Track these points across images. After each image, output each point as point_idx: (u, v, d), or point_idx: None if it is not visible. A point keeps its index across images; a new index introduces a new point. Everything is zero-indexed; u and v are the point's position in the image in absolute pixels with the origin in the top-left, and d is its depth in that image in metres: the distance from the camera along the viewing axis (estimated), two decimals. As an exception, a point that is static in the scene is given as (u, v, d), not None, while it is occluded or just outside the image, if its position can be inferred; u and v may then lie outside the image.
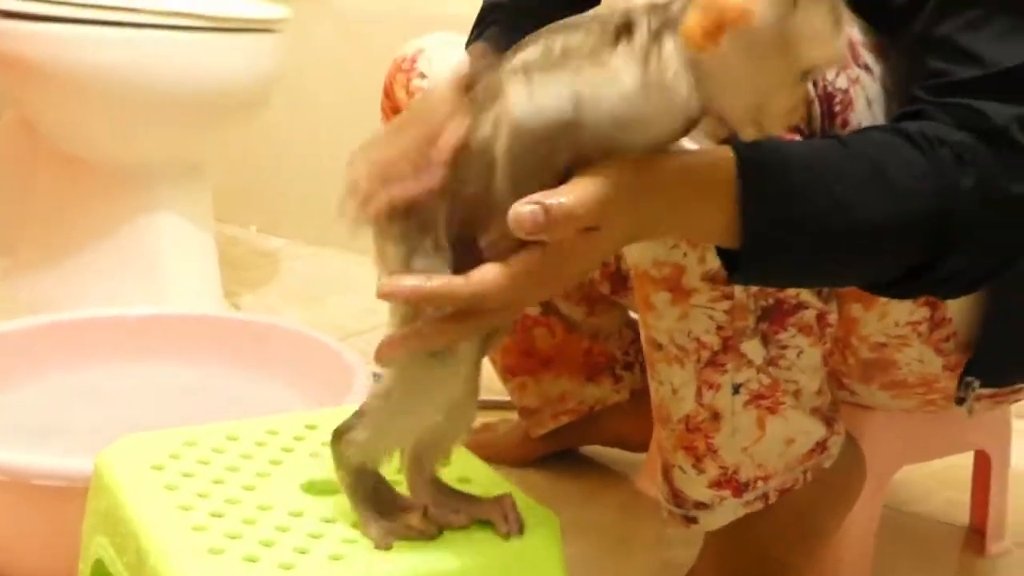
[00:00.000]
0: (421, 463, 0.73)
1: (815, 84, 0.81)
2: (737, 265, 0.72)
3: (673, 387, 0.92)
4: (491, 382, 1.40)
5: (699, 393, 0.91)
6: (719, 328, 0.88)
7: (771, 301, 0.88)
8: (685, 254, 0.86)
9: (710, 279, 0.86)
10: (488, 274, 0.65)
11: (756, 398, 0.90)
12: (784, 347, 0.89)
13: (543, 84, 0.64)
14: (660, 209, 0.68)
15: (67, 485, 0.95)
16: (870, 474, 1.02)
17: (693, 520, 0.95)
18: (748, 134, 0.66)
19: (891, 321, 0.92)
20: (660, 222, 0.70)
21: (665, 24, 0.63)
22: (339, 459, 0.70)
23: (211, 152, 1.90)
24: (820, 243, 0.73)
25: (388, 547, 0.68)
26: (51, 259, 1.85)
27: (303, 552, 0.67)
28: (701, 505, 0.94)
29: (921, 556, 1.22)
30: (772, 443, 0.92)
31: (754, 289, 0.87)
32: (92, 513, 0.78)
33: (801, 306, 0.88)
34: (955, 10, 0.79)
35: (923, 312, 0.92)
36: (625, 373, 1.32)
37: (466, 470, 0.79)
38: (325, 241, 2.37)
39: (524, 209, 0.63)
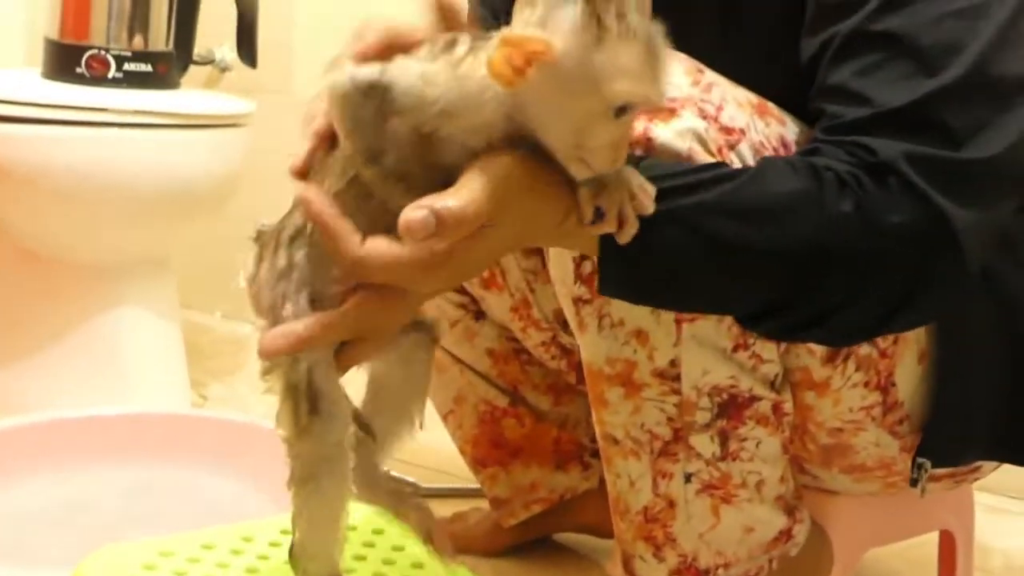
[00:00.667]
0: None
1: None
2: (603, 276, 0.76)
3: (631, 479, 0.94)
4: (462, 471, 1.41)
5: (655, 483, 0.93)
6: (669, 420, 0.90)
7: (725, 397, 0.90)
8: (635, 351, 0.89)
9: (659, 375, 0.89)
10: (381, 244, 0.68)
11: (708, 487, 0.92)
12: (744, 439, 0.92)
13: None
14: (542, 210, 0.71)
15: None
16: (837, 560, 1.03)
17: None
18: (575, 171, 0.67)
19: (845, 407, 0.95)
20: (541, 225, 0.73)
21: (473, 48, 0.67)
22: None
23: (176, 245, 1.91)
24: (684, 259, 0.76)
25: None
26: (14, 358, 1.82)
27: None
28: None
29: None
30: (729, 531, 0.93)
31: (705, 387, 0.89)
32: (68, 629, 0.78)
33: (755, 398, 0.91)
34: (848, 59, 0.82)
35: (875, 397, 0.94)
36: (594, 461, 1.33)
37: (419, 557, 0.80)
38: (291, 327, 2.37)
39: (415, 215, 0.65)
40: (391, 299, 0.72)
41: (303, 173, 0.75)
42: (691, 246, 0.76)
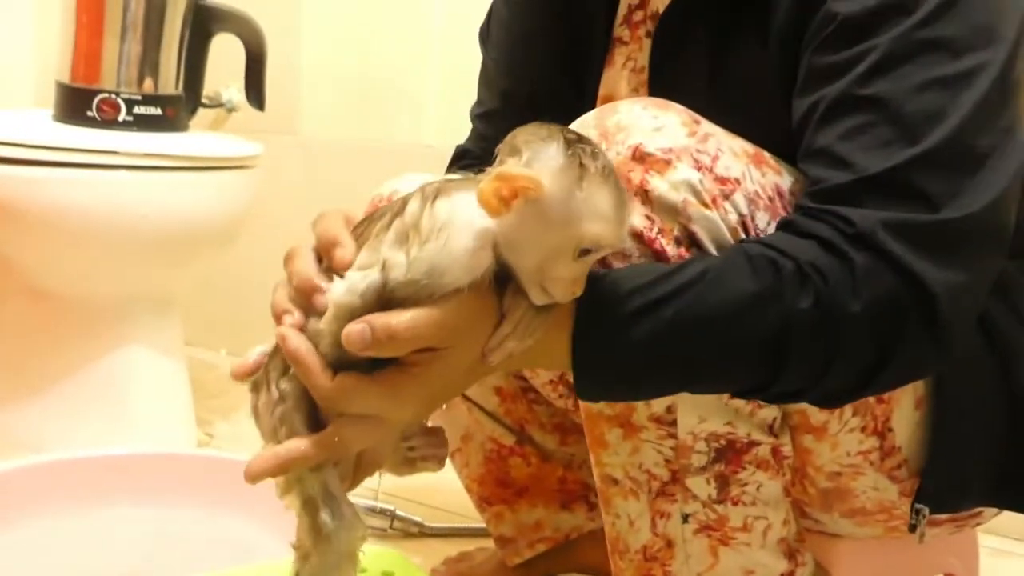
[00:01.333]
0: None
1: (747, 232, 0.85)
2: (578, 383, 0.81)
3: (630, 519, 0.95)
4: (468, 509, 1.42)
5: (653, 523, 0.94)
6: (667, 461, 0.92)
7: (723, 443, 0.91)
8: None
9: (656, 420, 0.91)
10: (348, 378, 0.75)
11: (705, 528, 0.93)
12: (744, 484, 0.93)
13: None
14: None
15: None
16: (841, 603, 1.04)
17: None
18: (535, 296, 0.75)
19: (843, 451, 0.96)
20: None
21: (439, 191, 0.74)
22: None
23: (183, 284, 1.92)
24: (651, 365, 0.80)
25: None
26: (19, 397, 1.82)
27: None
28: None
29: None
30: (727, 572, 0.94)
31: (701, 433, 0.91)
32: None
33: (753, 443, 0.92)
34: (833, 121, 0.84)
35: (872, 442, 0.95)
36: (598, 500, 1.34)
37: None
38: (295, 364, 2.38)
39: (354, 327, 0.72)
40: (370, 424, 0.77)
41: (243, 375, 0.82)
42: (660, 350, 0.79)
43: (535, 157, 0.71)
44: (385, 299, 0.73)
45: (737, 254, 0.81)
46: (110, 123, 1.73)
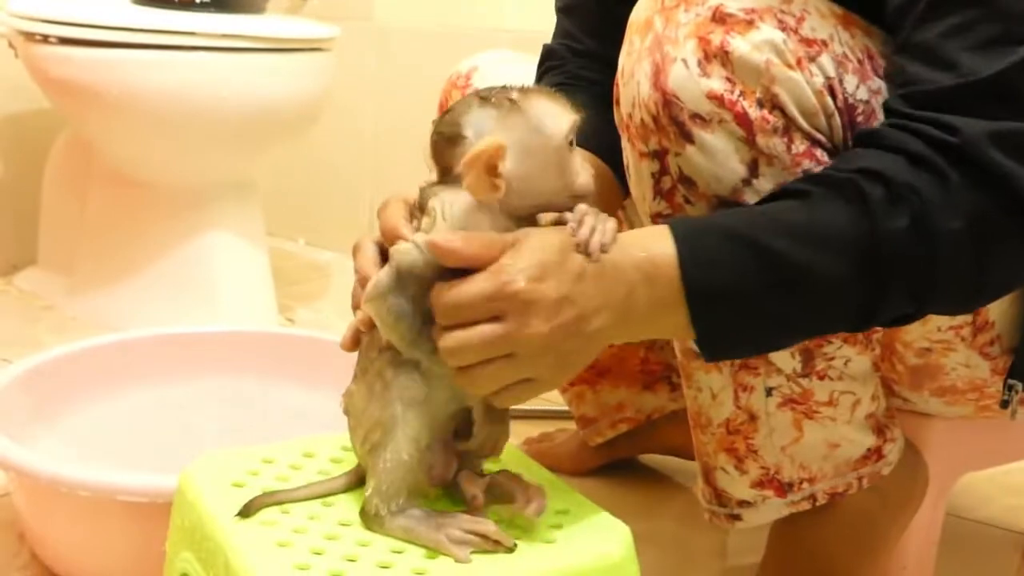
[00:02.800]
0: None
1: (834, 96, 0.82)
2: (700, 347, 0.78)
3: (712, 392, 0.93)
4: (548, 392, 1.42)
5: (736, 396, 0.92)
6: None
7: None
8: None
9: None
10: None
11: (789, 402, 0.91)
12: (831, 358, 0.90)
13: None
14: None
15: (150, 501, 0.98)
16: (933, 481, 1.02)
17: (737, 518, 0.97)
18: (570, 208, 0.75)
19: (933, 326, 0.93)
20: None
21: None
22: (379, 528, 0.73)
23: (262, 169, 1.93)
24: (765, 323, 0.78)
25: (468, 560, 0.70)
26: (107, 279, 1.88)
27: (386, 567, 0.69)
28: (744, 503, 0.96)
29: (980, 562, 1.22)
30: (812, 446, 0.93)
31: None
32: (176, 529, 0.80)
33: None
34: (938, 16, 0.79)
35: (964, 317, 0.92)
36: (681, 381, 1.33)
37: (516, 464, 0.81)
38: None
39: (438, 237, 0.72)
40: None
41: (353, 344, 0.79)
42: (765, 287, 0.76)
43: (475, 129, 0.72)
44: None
45: (823, 184, 0.77)
46: (188, 4, 1.73)
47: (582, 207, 0.74)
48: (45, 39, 1.69)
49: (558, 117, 0.73)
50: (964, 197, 0.75)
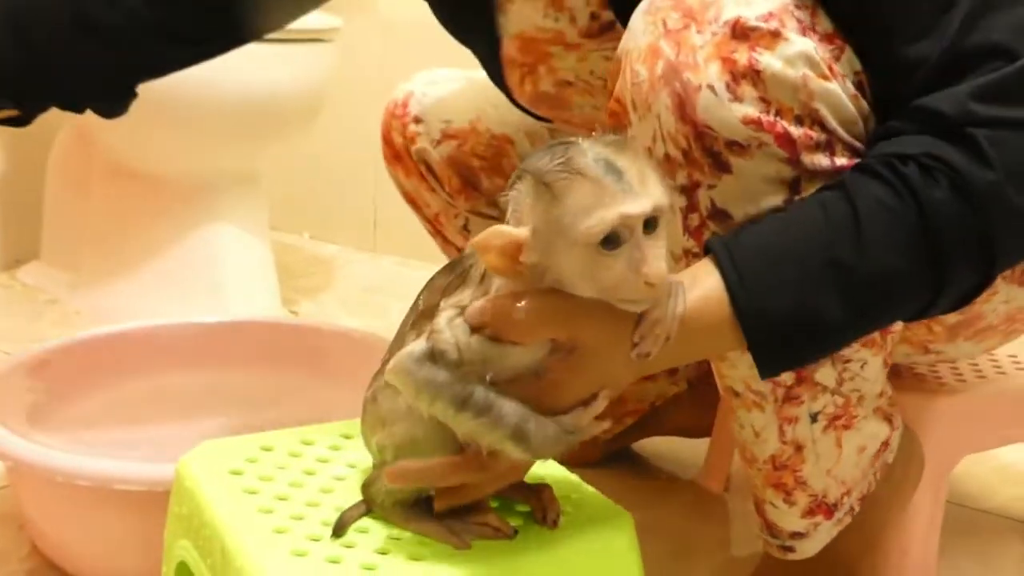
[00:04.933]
0: None
1: (863, 94, 0.79)
2: (756, 360, 0.74)
3: (755, 430, 0.91)
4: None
5: (781, 431, 0.90)
6: None
7: None
8: None
9: None
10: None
11: (833, 420, 0.89)
12: (848, 361, 0.88)
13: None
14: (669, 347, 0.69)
15: (149, 490, 0.97)
16: (931, 464, 1.02)
17: (790, 549, 0.96)
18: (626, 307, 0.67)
19: None
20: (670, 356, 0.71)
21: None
22: (380, 510, 0.72)
23: (266, 161, 1.93)
24: (828, 336, 0.74)
25: (468, 547, 0.69)
26: (110, 273, 1.88)
27: (384, 553, 0.68)
28: (796, 535, 0.94)
29: (984, 551, 1.22)
30: (849, 458, 0.91)
31: None
32: (174, 517, 0.80)
33: None
34: None
35: None
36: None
37: (538, 471, 0.80)
38: (376, 246, 2.39)
39: (475, 305, 0.66)
40: None
41: None
42: (827, 310, 0.73)
43: (514, 207, 0.64)
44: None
45: (855, 175, 0.75)
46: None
47: (651, 319, 0.67)
48: (47, 32, 1.68)
49: (594, 215, 0.61)
50: (991, 150, 0.72)
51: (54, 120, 2.03)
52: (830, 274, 0.72)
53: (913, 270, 0.74)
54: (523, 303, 0.65)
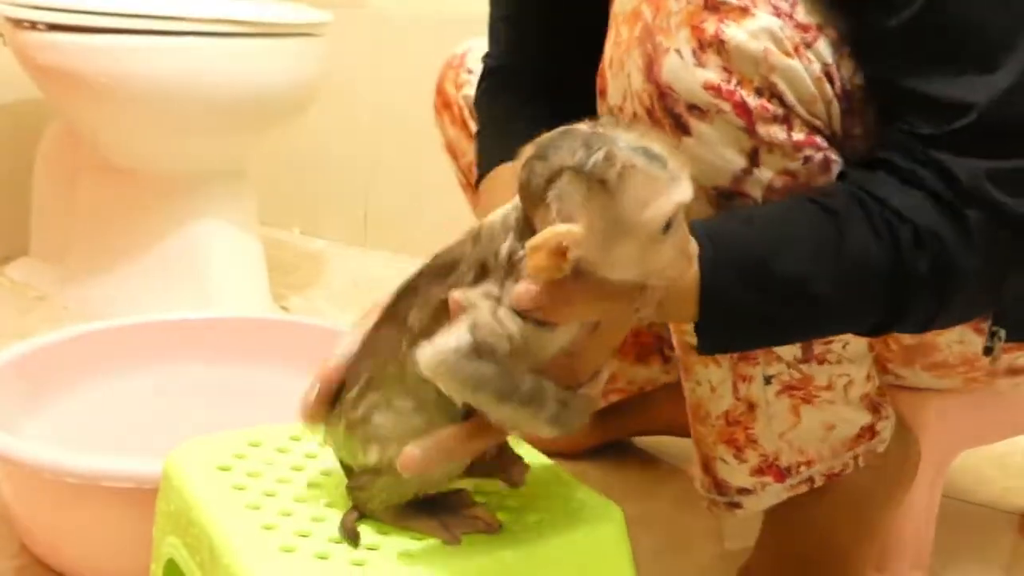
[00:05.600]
0: None
1: (832, 83, 0.81)
2: (699, 339, 0.78)
3: (712, 385, 0.93)
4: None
5: (735, 388, 0.92)
6: None
7: None
8: None
9: None
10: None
11: (788, 388, 0.91)
12: (830, 342, 0.90)
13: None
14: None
15: (136, 487, 0.97)
16: (929, 460, 1.03)
17: (737, 505, 0.97)
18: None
19: None
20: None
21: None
22: (366, 509, 0.71)
23: (255, 157, 1.92)
24: (772, 325, 0.78)
25: (458, 541, 0.69)
26: (99, 268, 1.87)
27: (374, 549, 0.68)
28: (744, 491, 0.96)
29: (979, 542, 1.22)
30: (809, 430, 0.93)
31: None
32: (162, 514, 0.79)
33: None
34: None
35: None
36: (673, 354, 1.32)
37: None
38: (366, 242, 2.39)
39: (520, 286, 0.65)
40: None
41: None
42: (786, 313, 0.77)
43: (560, 201, 0.63)
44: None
45: (856, 209, 0.77)
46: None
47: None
48: (33, 25, 1.67)
49: (653, 206, 0.63)
50: (981, 238, 0.77)
51: (42, 115, 2.03)
52: (795, 295, 0.76)
53: (869, 311, 0.79)
54: (571, 285, 0.65)
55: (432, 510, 0.71)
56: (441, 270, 0.69)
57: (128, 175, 1.82)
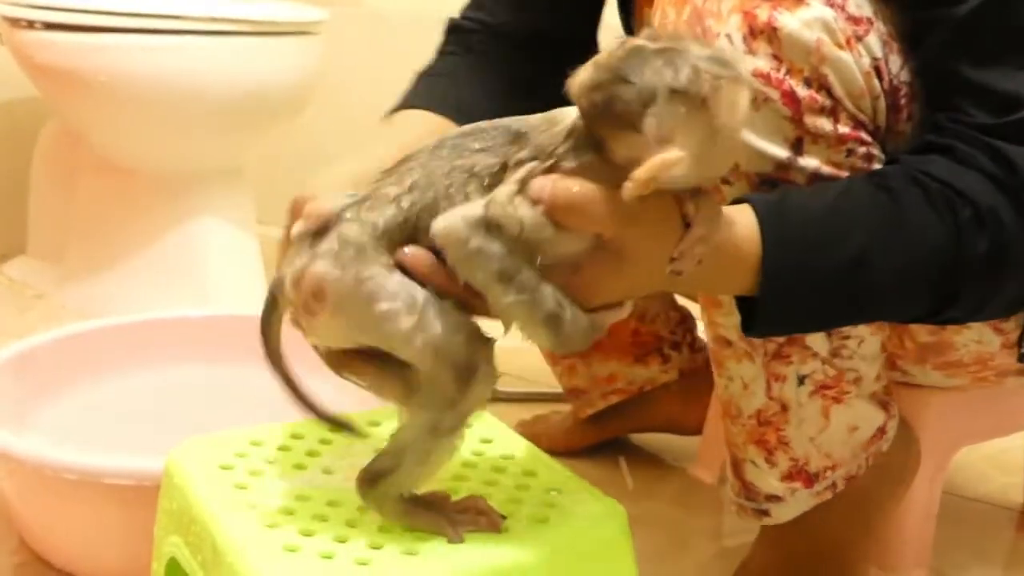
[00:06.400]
0: None
1: (880, 78, 0.81)
2: (753, 319, 0.76)
3: (744, 382, 0.92)
4: (543, 375, 1.41)
5: (768, 386, 0.91)
6: None
7: None
8: None
9: None
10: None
11: (821, 388, 0.90)
12: (846, 337, 0.90)
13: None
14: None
15: (135, 484, 0.97)
16: (929, 456, 1.02)
17: (765, 513, 0.96)
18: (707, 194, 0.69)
19: None
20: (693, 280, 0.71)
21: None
22: (374, 505, 0.70)
23: (253, 155, 1.92)
24: (831, 303, 0.77)
25: (462, 540, 0.68)
26: (97, 267, 1.87)
27: (377, 548, 0.68)
28: (773, 498, 0.95)
29: (978, 538, 1.22)
30: (837, 432, 0.92)
31: None
32: (164, 513, 0.79)
33: None
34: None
35: None
36: (673, 353, 1.32)
37: (530, 463, 0.80)
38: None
39: (537, 180, 0.65)
40: None
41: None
42: (840, 291, 0.76)
43: (659, 123, 0.62)
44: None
45: (914, 188, 0.77)
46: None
47: (695, 235, 0.68)
48: (30, 24, 1.67)
49: (742, 109, 0.63)
50: None
51: (39, 114, 2.03)
52: (854, 273, 0.75)
53: (924, 294, 0.78)
54: (586, 188, 0.64)
55: (436, 508, 0.70)
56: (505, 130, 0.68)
57: (125, 174, 1.82)
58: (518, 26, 1.07)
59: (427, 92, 1.00)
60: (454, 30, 1.11)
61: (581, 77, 0.64)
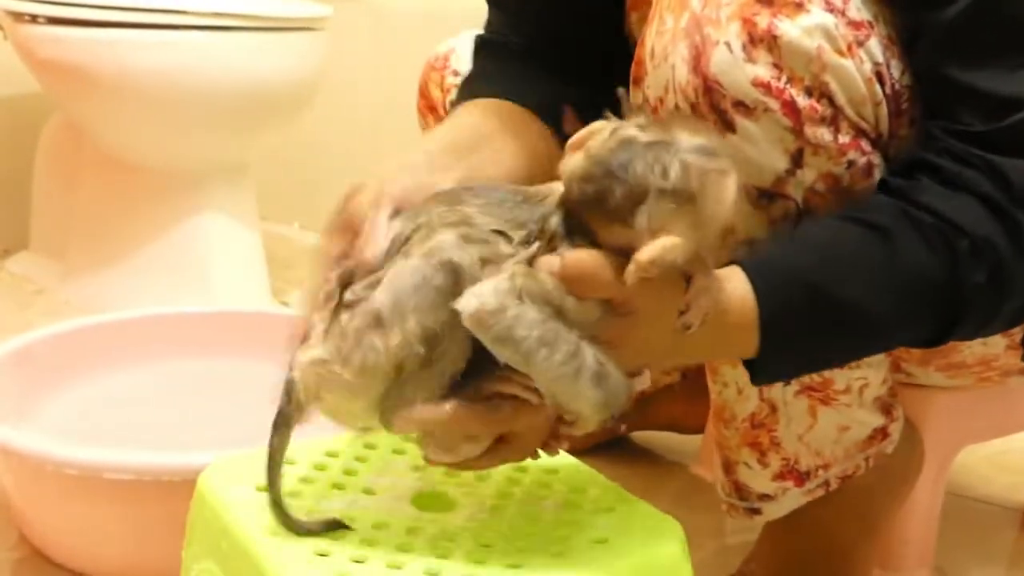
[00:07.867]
0: None
1: (882, 83, 0.80)
2: (757, 372, 0.77)
3: (739, 387, 0.93)
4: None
5: (760, 390, 0.92)
6: None
7: None
8: None
9: None
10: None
11: (806, 389, 0.91)
12: None
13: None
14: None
15: (136, 479, 0.97)
16: (931, 456, 1.04)
17: (757, 511, 0.97)
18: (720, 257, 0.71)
19: None
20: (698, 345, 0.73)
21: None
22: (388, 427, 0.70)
23: (255, 151, 1.92)
24: (833, 348, 0.79)
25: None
26: (100, 263, 1.86)
27: (434, 574, 0.66)
28: (765, 497, 0.96)
29: (981, 538, 1.23)
30: (825, 430, 0.93)
31: None
32: (195, 536, 0.77)
33: None
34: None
35: None
36: None
37: (551, 461, 0.79)
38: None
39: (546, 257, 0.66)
40: None
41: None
42: (840, 337, 0.77)
43: (651, 219, 0.64)
44: None
45: (906, 225, 0.76)
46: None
47: (700, 285, 0.69)
48: (34, 19, 1.66)
49: (728, 200, 0.65)
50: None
51: (43, 109, 2.01)
52: (854, 319, 0.76)
53: (925, 326, 0.79)
54: (592, 256, 0.66)
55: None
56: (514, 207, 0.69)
57: (128, 169, 1.81)
58: (544, 38, 1.05)
59: (487, 80, 0.98)
60: (486, 44, 1.08)
61: (572, 166, 0.66)
